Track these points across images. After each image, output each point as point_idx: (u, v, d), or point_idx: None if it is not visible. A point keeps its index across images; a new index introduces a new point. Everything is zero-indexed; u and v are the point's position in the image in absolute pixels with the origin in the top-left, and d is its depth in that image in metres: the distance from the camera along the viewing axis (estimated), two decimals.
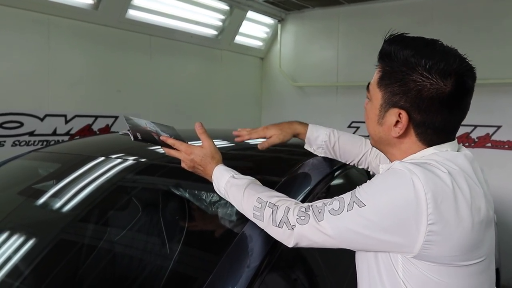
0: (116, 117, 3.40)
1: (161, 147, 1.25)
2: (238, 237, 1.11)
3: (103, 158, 1.62)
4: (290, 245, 1.00)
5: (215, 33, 4.23)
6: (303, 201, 1.16)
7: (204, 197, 1.30)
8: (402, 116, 0.95)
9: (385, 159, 1.13)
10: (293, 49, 4.78)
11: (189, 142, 1.23)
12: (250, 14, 4.38)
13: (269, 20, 4.74)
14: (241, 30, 4.40)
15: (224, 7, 4.10)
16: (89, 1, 3.10)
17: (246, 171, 1.21)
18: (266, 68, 5.01)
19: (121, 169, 1.54)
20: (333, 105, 4.54)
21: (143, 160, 1.60)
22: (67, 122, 3.10)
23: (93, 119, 3.26)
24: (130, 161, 1.57)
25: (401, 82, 0.94)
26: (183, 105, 3.98)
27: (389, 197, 0.88)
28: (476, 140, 3.80)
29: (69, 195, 1.49)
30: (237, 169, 1.18)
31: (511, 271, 3.24)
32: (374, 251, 0.95)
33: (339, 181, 1.55)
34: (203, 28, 4.07)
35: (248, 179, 1.13)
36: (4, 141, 2.77)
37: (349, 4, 4.31)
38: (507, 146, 3.69)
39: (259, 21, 4.66)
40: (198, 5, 3.85)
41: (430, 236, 0.85)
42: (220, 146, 1.25)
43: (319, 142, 1.41)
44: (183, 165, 1.22)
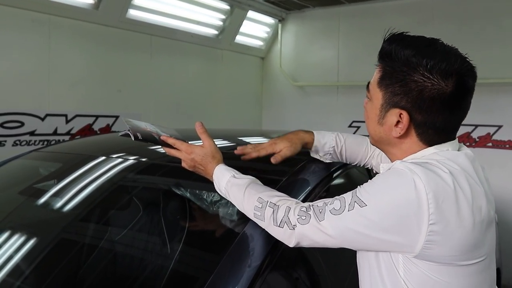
0: (117, 117, 3.40)
1: (161, 146, 1.25)
2: (239, 236, 1.11)
3: (104, 158, 1.62)
4: (291, 245, 1.00)
5: (215, 32, 4.23)
6: (304, 201, 1.16)
7: (205, 197, 1.30)
8: (403, 117, 0.95)
9: (385, 158, 1.13)
10: (293, 49, 4.78)
11: (190, 142, 1.23)
12: (251, 14, 4.38)
13: (269, 20, 4.73)
14: (241, 29, 4.40)
15: (225, 6, 4.10)
16: (90, 1, 3.10)
17: (247, 170, 1.21)
18: (267, 68, 5.01)
19: (122, 168, 1.54)
20: (333, 105, 4.54)
21: (143, 160, 1.60)
22: (67, 121, 3.10)
23: (94, 118, 3.26)
24: (131, 160, 1.57)
25: (402, 83, 0.94)
26: (184, 104, 3.98)
27: (390, 197, 0.88)
28: (477, 139, 3.80)
29: (70, 194, 1.49)
30: (238, 168, 1.18)
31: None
32: (375, 251, 0.96)
33: (340, 181, 1.55)
34: (203, 28, 4.07)
35: (249, 178, 1.13)
36: (5, 141, 2.78)
37: (349, 3, 4.30)
38: (508, 146, 3.69)
39: (259, 20, 4.66)
40: (199, 4, 3.85)
41: (431, 236, 0.85)
42: (220, 145, 1.25)
43: (326, 148, 1.36)
44: (183, 164, 1.22)
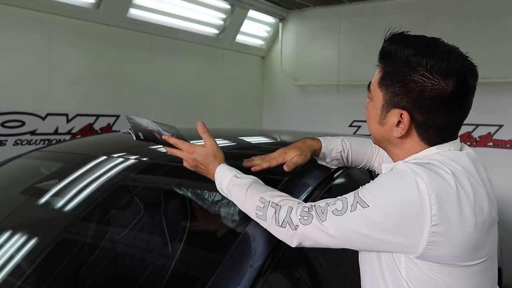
0: (118, 116, 3.41)
1: (163, 146, 1.25)
2: (241, 236, 1.11)
3: (105, 157, 1.62)
4: (293, 245, 1.00)
5: (216, 32, 4.23)
6: (306, 201, 1.16)
7: (206, 197, 1.30)
8: (404, 117, 0.95)
9: (387, 158, 1.13)
10: (294, 48, 4.78)
11: (191, 141, 1.23)
12: (251, 13, 4.38)
13: (270, 19, 4.73)
14: (242, 29, 4.39)
15: (226, 6, 4.09)
16: (91, 0, 3.09)
17: (249, 170, 1.21)
18: (267, 67, 5.00)
19: (123, 168, 1.54)
20: (334, 104, 4.53)
21: (145, 159, 1.60)
22: (68, 121, 3.10)
23: (95, 118, 3.26)
24: (132, 160, 1.57)
25: (402, 83, 0.93)
26: (184, 104, 3.98)
27: (392, 197, 0.88)
28: (478, 139, 3.80)
29: (71, 194, 1.49)
30: (239, 168, 1.18)
31: None
32: (377, 251, 0.95)
33: (342, 180, 1.54)
34: (204, 27, 4.07)
35: (251, 178, 1.12)
36: (6, 140, 2.78)
37: (350, 3, 4.30)
38: (508, 145, 3.69)
39: (260, 20, 4.66)
40: (200, 4, 3.85)
41: (434, 237, 0.85)
42: (221, 145, 1.25)
43: (333, 154, 1.34)
44: (185, 164, 1.21)
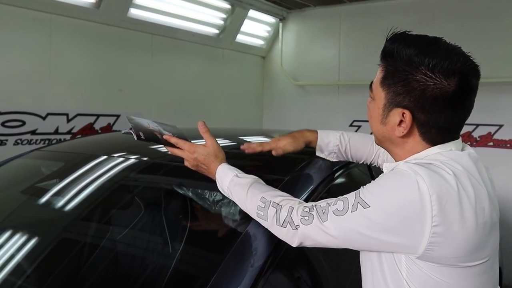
0: (118, 116, 3.40)
1: (164, 146, 1.25)
2: (241, 236, 1.11)
3: (105, 157, 1.62)
4: (294, 245, 1.00)
5: (216, 32, 4.22)
6: (307, 200, 1.16)
7: (207, 196, 1.30)
8: (406, 116, 0.95)
9: (389, 157, 1.13)
10: (294, 48, 4.78)
11: (192, 141, 1.23)
12: (252, 13, 4.37)
13: (270, 19, 4.73)
14: (242, 29, 4.39)
15: (226, 5, 4.09)
16: (91, 0, 3.09)
17: (250, 170, 1.21)
18: (268, 67, 5.00)
19: (124, 167, 1.54)
20: (334, 104, 4.53)
21: (145, 159, 1.60)
22: (69, 120, 3.10)
23: (95, 117, 3.26)
24: (133, 159, 1.57)
25: (404, 82, 0.93)
26: (185, 104, 3.98)
27: (393, 198, 0.87)
28: (478, 139, 3.79)
29: (71, 193, 1.49)
30: (240, 168, 1.18)
31: None
32: (378, 252, 0.95)
33: (343, 180, 1.54)
34: (204, 27, 4.07)
35: (252, 178, 1.12)
36: (6, 140, 2.78)
37: (350, 3, 4.30)
38: (509, 145, 3.69)
39: (260, 19, 4.65)
40: (200, 3, 3.85)
41: (434, 238, 0.85)
42: (222, 145, 1.25)
43: (330, 147, 1.37)
44: (186, 163, 1.22)
